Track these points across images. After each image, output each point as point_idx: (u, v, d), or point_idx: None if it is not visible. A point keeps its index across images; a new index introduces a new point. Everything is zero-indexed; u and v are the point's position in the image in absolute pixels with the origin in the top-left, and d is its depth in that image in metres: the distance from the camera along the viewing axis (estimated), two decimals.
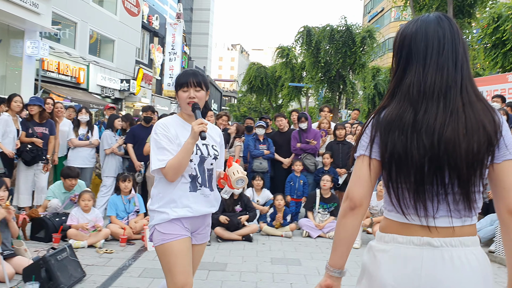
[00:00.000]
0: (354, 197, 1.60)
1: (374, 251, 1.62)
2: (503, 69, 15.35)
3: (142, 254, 5.59)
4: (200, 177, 2.62)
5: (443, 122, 1.48)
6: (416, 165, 1.49)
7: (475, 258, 1.51)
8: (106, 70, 22.33)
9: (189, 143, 2.48)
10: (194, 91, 2.61)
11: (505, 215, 1.50)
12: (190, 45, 61.35)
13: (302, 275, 4.95)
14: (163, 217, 2.54)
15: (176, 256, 2.50)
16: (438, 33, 1.55)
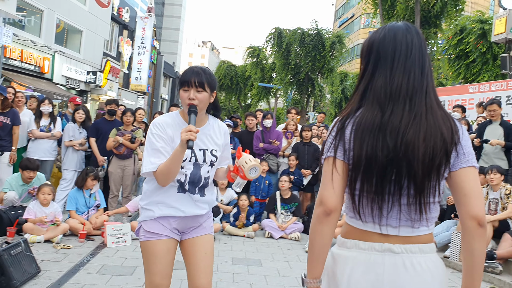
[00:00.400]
0: (327, 202, 1.55)
1: (336, 257, 1.63)
2: (465, 80, 15.88)
3: (101, 250, 5.49)
4: (187, 185, 2.49)
5: (406, 124, 1.50)
6: (379, 167, 1.50)
7: (434, 264, 1.56)
8: (72, 61, 21.79)
9: (178, 151, 2.31)
10: (195, 92, 2.40)
11: (467, 221, 1.52)
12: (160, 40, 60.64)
13: (262, 275, 4.97)
14: (148, 214, 2.48)
15: (155, 256, 2.45)
16: (406, 38, 1.58)
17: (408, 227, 1.56)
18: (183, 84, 2.43)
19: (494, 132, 6.91)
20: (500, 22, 12.14)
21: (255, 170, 2.44)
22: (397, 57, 1.56)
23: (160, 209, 2.47)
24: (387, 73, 1.56)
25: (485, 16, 16.08)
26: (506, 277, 5.19)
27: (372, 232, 1.58)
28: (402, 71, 1.55)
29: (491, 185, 6.04)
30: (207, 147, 2.54)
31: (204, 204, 2.58)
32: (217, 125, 2.64)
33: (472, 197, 1.52)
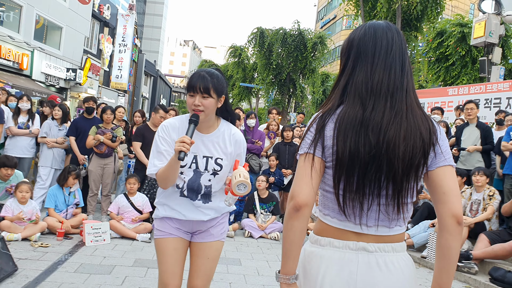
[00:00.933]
0: (298, 197, 1.53)
1: (309, 254, 1.63)
2: (445, 83, 16.13)
3: (79, 249, 5.42)
4: (186, 191, 2.45)
5: (388, 121, 1.51)
6: (362, 163, 1.50)
7: (405, 263, 1.59)
8: (52, 58, 21.46)
9: (173, 160, 2.26)
10: (200, 98, 2.32)
11: (447, 219, 1.53)
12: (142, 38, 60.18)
13: (241, 275, 4.97)
14: (157, 213, 2.54)
15: (163, 254, 2.48)
16: (386, 35, 1.58)
17: (384, 227, 1.58)
18: (189, 89, 2.34)
19: (472, 134, 7.03)
20: (479, 26, 12.37)
21: (244, 187, 2.26)
22: (378, 53, 1.56)
23: (165, 210, 2.50)
24: (368, 68, 1.56)
25: (465, 19, 16.36)
26: (481, 277, 5.29)
27: (346, 231, 1.58)
28: (383, 67, 1.55)
29: (475, 186, 6.14)
30: (212, 154, 2.46)
31: (209, 210, 2.50)
32: (229, 132, 2.52)
33: (452, 195, 1.53)
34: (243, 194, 2.29)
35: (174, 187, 2.47)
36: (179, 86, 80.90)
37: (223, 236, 2.63)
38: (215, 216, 2.54)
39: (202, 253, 2.56)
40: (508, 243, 5.32)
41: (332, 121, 1.56)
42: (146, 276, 4.62)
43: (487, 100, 9.74)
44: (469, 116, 7.09)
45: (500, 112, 8.22)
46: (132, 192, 6.43)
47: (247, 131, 8.06)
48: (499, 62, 12.68)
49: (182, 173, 2.43)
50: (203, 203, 2.48)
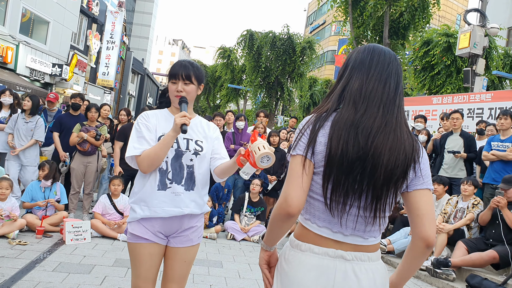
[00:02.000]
0: (293, 204, 1.54)
1: (290, 258, 1.66)
2: (429, 92, 16.31)
3: (59, 247, 5.37)
4: (171, 172, 2.45)
5: (379, 127, 1.56)
6: (348, 162, 1.53)
7: (380, 272, 1.65)
8: (38, 52, 21.21)
9: (169, 136, 2.35)
10: (182, 84, 2.48)
11: (417, 241, 1.62)
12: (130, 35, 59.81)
13: (222, 277, 4.97)
14: (133, 215, 2.47)
15: (137, 260, 2.46)
16: (384, 54, 1.66)
17: (359, 237, 1.62)
18: (172, 77, 2.49)
19: (455, 143, 7.13)
20: (464, 37, 12.54)
21: (268, 159, 2.14)
22: (374, 66, 1.63)
23: (143, 210, 2.43)
24: (364, 77, 1.62)
25: (451, 30, 16.57)
26: (459, 283, 5.36)
27: (325, 238, 1.62)
28: (378, 78, 1.62)
29: (462, 195, 6.23)
30: (191, 137, 2.54)
31: (189, 202, 2.48)
32: (205, 122, 2.70)
33: (425, 219, 1.60)
34: (266, 167, 2.21)
35: (156, 175, 2.44)
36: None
37: (200, 239, 2.65)
38: (195, 213, 2.51)
39: (179, 257, 2.54)
40: (485, 253, 5.40)
41: (327, 126, 1.59)
42: (126, 276, 4.59)
43: (470, 110, 9.88)
44: (454, 126, 7.20)
45: (481, 122, 8.35)
46: (116, 194, 6.39)
47: (236, 133, 8.07)
48: (482, 73, 12.87)
49: None
50: (185, 189, 2.47)
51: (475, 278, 5.15)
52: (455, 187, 6.82)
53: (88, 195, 7.09)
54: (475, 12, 13.29)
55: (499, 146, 6.31)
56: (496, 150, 6.30)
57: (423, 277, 5.71)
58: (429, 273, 5.59)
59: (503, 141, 6.31)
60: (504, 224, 5.51)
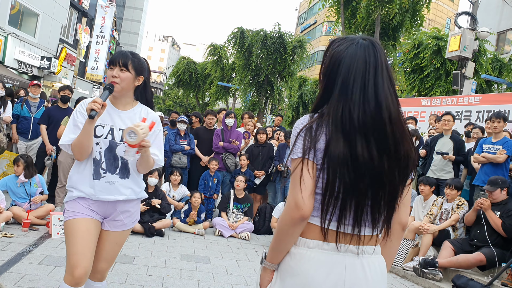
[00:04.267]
0: (304, 208, 1.54)
1: (297, 256, 1.63)
2: (419, 94, 16.41)
3: (45, 240, 5.31)
4: (104, 163, 2.53)
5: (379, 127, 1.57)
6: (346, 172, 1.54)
7: (383, 265, 1.69)
8: (26, 45, 20.95)
9: (86, 123, 2.39)
10: (118, 71, 2.52)
11: (395, 225, 1.72)
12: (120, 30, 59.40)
13: (210, 273, 4.95)
14: (70, 195, 2.54)
15: (73, 235, 2.44)
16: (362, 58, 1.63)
17: (367, 227, 1.63)
18: (110, 63, 2.56)
19: (445, 145, 7.18)
20: (454, 40, 12.65)
21: (134, 135, 2.35)
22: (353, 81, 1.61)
23: (78, 191, 2.52)
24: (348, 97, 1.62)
25: (441, 33, 16.68)
26: (445, 284, 5.41)
27: (332, 232, 1.60)
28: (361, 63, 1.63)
29: (446, 197, 6.29)
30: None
31: (125, 189, 2.57)
32: (145, 111, 2.70)
33: (406, 206, 1.73)
34: (133, 143, 2.36)
35: (90, 168, 2.52)
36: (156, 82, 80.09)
37: (134, 224, 2.74)
38: (130, 198, 2.61)
39: (112, 239, 2.62)
40: (472, 255, 5.46)
41: (325, 124, 1.59)
42: (113, 270, 4.55)
43: (458, 112, 9.96)
44: (445, 127, 7.24)
45: (468, 125, 8.42)
46: None
47: (225, 130, 8.05)
48: (471, 76, 12.99)
49: (98, 143, 2.53)
50: (120, 178, 2.57)
51: (461, 279, 5.20)
52: (442, 188, 6.87)
53: None
54: (466, 15, 13.41)
55: (490, 149, 6.36)
56: (487, 153, 6.36)
57: (409, 277, 5.74)
58: (416, 273, 5.63)
59: (494, 143, 6.37)
60: (488, 225, 5.58)
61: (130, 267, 4.76)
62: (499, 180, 5.66)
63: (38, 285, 3.87)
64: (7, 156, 7.38)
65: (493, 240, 5.49)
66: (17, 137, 7.49)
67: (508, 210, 5.51)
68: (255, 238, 7.18)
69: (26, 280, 3.94)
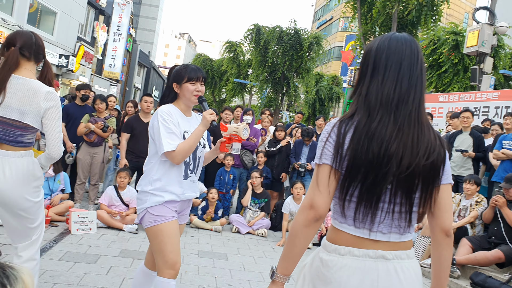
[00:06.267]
0: (320, 208, 1.59)
1: (329, 263, 1.64)
2: (436, 90, 16.25)
3: (65, 237, 5.41)
4: (192, 164, 2.85)
5: (391, 134, 1.57)
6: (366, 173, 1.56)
7: (418, 269, 1.68)
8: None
9: (200, 131, 2.73)
10: (200, 85, 2.82)
11: (438, 233, 1.69)
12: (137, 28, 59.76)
13: (227, 269, 4.99)
14: (156, 199, 2.70)
15: (168, 236, 2.68)
16: (402, 46, 1.64)
17: (396, 233, 1.63)
18: (191, 79, 2.79)
19: (464, 142, 7.11)
20: (472, 35, 12.48)
21: (246, 131, 2.91)
22: (389, 66, 1.63)
23: (167, 195, 2.72)
24: (379, 80, 1.63)
25: (459, 28, 16.47)
26: (463, 281, 5.37)
27: (363, 238, 1.62)
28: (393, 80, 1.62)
29: (465, 193, 6.23)
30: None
31: (196, 187, 2.93)
32: (196, 116, 3.03)
33: (445, 211, 1.67)
34: (244, 138, 2.91)
35: (180, 169, 2.78)
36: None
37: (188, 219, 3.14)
38: (197, 195, 3.00)
39: (181, 231, 2.94)
40: (490, 253, 5.41)
41: (351, 131, 1.60)
42: (132, 266, 4.62)
43: (476, 108, 9.85)
44: (465, 124, 7.17)
45: (485, 121, 8.32)
46: (122, 186, 6.42)
47: None
48: (490, 71, 12.80)
49: None
50: (195, 176, 2.92)
51: (479, 276, 5.16)
52: (461, 184, 6.81)
53: (94, 186, 7.12)
54: (484, 10, 13.20)
55: (511, 145, 6.28)
56: (507, 149, 6.28)
57: (427, 274, 5.71)
58: None
59: None
60: (505, 223, 5.52)
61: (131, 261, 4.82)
62: None
63: (58, 281, 3.95)
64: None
65: (511, 237, 5.44)
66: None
67: None
68: (272, 234, 7.21)
69: (47, 276, 4.02)
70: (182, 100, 2.86)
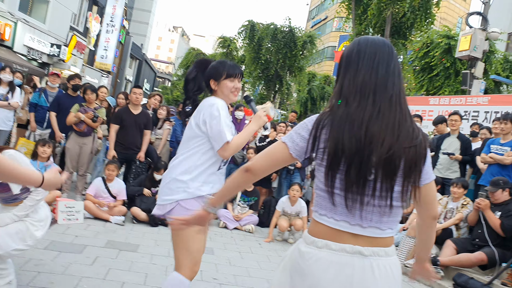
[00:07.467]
0: (254, 164, 1.77)
1: (305, 255, 1.66)
2: (427, 93, 16.34)
3: (51, 226, 5.32)
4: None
5: (370, 116, 1.59)
6: (347, 157, 1.57)
7: (396, 267, 1.68)
8: (36, 31, 21.01)
9: (253, 129, 2.76)
10: (238, 82, 2.81)
11: (426, 219, 1.83)
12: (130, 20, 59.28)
13: (213, 263, 5.00)
14: (192, 192, 2.61)
15: (198, 234, 2.59)
16: (374, 41, 1.70)
17: (376, 228, 1.64)
18: (231, 75, 2.76)
19: (452, 145, 7.17)
20: (465, 40, 12.57)
21: (273, 109, 2.90)
22: (362, 59, 1.68)
23: (202, 188, 2.63)
24: (353, 72, 1.68)
25: (452, 32, 16.57)
26: (445, 282, 5.43)
27: (342, 232, 1.62)
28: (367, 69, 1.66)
29: (452, 196, 6.30)
30: None
31: (223, 180, 2.80)
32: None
33: (432, 203, 1.79)
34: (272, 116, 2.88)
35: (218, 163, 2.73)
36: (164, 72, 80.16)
37: None
38: None
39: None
40: (473, 255, 5.47)
41: (329, 122, 1.64)
42: (118, 258, 4.62)
43: (466, 112, 9.93)
44: (453, 127, 7.24)
45: (474, 125, 8.41)
46: (111, 179, 6.39)
47: (234, 123, 8.08)
48: (481, 76, 12.92)
49: None
50: (225, 169, 2.88)
51: (462, 277, 5.23)
52: (447, 187, 6.88)
53: (82, 177, 7.09)
54: (477, 15, 13.31)
55: (498, 150, 6.35)
56: (494, 153, 6.35)
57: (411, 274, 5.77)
58: None
59: (503, 144, 6.36)
60: (488, 225, 5.60)
61: (134, 255, 4.82)
62: (500, 181, 5.68)
63: (43, 270, 3.94)
64: (25, 144, 7.45)
65: (494, 240, 5.51)
66: (35, 126, 7.55)
67: (508, 211, 5.53)
68: (259, 230, 7.23)
69: (31, 265, 4.01)
70: (220, 96, 2.76)
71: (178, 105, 9.39)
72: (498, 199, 5.65)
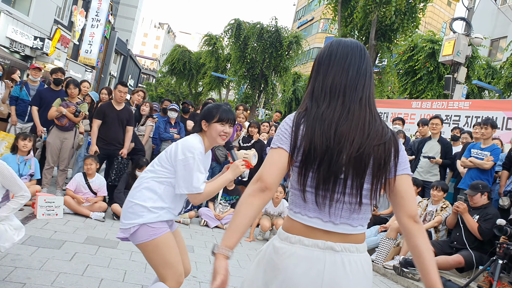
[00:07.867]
0: (267, 180, 1.63)
1: (279, 250, 1.69)
2: (410, 96, 16.51)
3: (29, 221, 5.31)
4: None
5: (340, 116, 1.64)
6: (319, 155, 1.61)
7: (366, 263, 1.70)
8: (19, 24, 20.68)
9: (228, 179, 2.78)
10: (229, 127, 2.81)
11: (406, 221, 1.69)
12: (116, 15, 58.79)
13: (193, 261, 4.98)
14: (154, 216, 2.65)
15: (172, 247, 2.66)
16: (345, 44, 1.75)
17: (348, 225, 1.67)
18: (222, 120, 2.78)
19: (432, 148, 7.27)
20: (449, 44, 12.72)
21: (255, 157, 2.94)
22: (333, 61, 1.73)
23: (167, 215, 2.71)
24: (324, 74, 1.72)
25: (436, 36, 16.77)
26: (422, 283, 5.48)
27: (315, 229, 1.66)
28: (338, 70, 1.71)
29: (432, 199, 6.38)
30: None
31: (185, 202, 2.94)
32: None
33: (407, 199, 1.69)
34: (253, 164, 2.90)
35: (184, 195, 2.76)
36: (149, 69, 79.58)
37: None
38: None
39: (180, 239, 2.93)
40: (451, 257, 5.55)
41: (304, 122, 1.67)
42: (97, 254, 4.57)
43: (448, 116, 10.05)
44: (433, 130, 7.34)
45: (455, 129, 8.53)
46: (91, 174, 6.31)
47: None
48: (463, 81, 13.09)
49: None
50: None
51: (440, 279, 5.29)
52: (427, 190, 6.97)
53: (63, 171, 7.00)
54: (461, 20, 13.49)
55: (479, 154, 6.45)
56: (474, 158, 6.45)
57: (389, 275, 5.83)
58: (396, 272, 5.72)
59: (483, 149, 6.46)
60: (466, 228, 5.69)
61: (114, 252, 4.79)
62: (479, 185, 5.78)
63: (20, 265, 3.88)
64: (5, 137, 7.33)
65: (472, 243, 5.60)
66: (16, 119, 7.43)
67: (486, 214, 5.63)
68: None
69: (8, 260, 3.94)
70: (208, 138, 2.82)
71: (162, 102, 9.33)
72: (477, 202, 5.75)
